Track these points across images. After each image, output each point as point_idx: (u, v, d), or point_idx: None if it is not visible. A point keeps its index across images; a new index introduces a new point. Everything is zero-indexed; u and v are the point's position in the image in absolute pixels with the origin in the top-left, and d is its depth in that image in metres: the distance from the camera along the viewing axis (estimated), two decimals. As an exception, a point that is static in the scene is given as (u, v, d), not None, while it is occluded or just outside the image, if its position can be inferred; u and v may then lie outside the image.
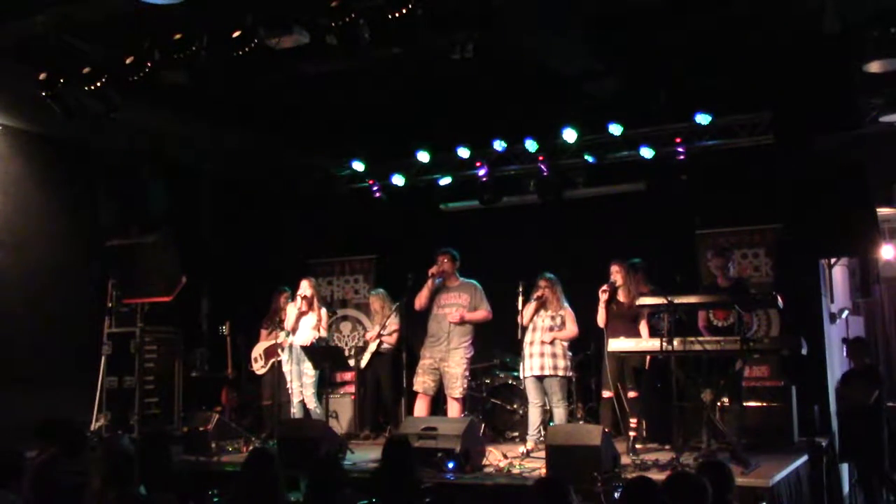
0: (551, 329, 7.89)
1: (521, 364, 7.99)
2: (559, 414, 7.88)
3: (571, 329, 7.94)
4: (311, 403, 8.74)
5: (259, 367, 9.54)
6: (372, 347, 9.60)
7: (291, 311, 8.84)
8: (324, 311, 9.03)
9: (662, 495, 3.90)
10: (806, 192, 8.17)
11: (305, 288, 8.81)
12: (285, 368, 8.89)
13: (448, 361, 8.11)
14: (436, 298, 8.27)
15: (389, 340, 9.58)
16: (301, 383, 8.77)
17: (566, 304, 8.01)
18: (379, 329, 9.40)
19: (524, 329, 7.92)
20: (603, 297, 7.83)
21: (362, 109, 9.45)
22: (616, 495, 5.51)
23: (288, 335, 8.94)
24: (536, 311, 7.92)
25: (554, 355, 7.84)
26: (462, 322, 8.14)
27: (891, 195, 8.96)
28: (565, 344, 7.95)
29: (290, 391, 8.89)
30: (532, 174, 10.04)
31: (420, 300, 8.31)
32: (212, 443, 8.01)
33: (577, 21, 7.43)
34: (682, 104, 9.08)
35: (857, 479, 8.15)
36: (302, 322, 8.82)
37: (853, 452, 7.96)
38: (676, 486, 4.01)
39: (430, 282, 8.25)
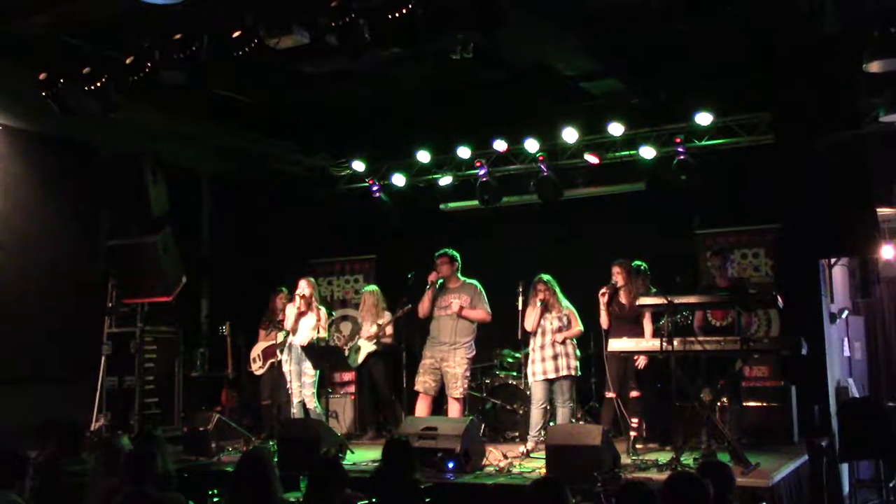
0: (560, 330, 7.91)
1: (528, 368, 8.00)
2: (564, 413, 7.89)
3: (577, 326, 8.00)
4: (311, 403, 8.71)
5: (258, 368, 9.53)
6: (369, 347, 9.52)
7: (290, 311, 8.82)
8: (323, 311, 9.00)
9: (660, 499, 3.88)
10: (806, 192, 8.15)
11: (303, 287, 8.76)
12: (285, 368, 8.85)
13: (449, 361, 8.10)
14: (437, 300, 8.26)
15: (384, 339, 9.54)
16: (301, 383, 8.74)
17: (567, 303, 8.03)
18: (378, 330, 9.36)
19: (531, 334, 7.93)
20: (603, 299, 7.84)
21: (362, 109, 9.44)
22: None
23: (287, 335, 8.92)
24: (541, 314, 7.93)
25: (567, 355, 7.89)
26: (460, 315, 8.11)
27: (891, 195, 8.94)
28: (574, 342, 8.00)
29: (290, 391, 8.88)
30: (532, 174, 10.04)
31: (423, 307, 8.29)
32: (212, 443, 8.02)
33: (576, 21, 7.42)
34: (682, 104, 9.08)
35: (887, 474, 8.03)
36: (301, 322, 8.78)
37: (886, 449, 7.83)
38: (676, 486, 4.00)
39: (431, 289, 8.24)
